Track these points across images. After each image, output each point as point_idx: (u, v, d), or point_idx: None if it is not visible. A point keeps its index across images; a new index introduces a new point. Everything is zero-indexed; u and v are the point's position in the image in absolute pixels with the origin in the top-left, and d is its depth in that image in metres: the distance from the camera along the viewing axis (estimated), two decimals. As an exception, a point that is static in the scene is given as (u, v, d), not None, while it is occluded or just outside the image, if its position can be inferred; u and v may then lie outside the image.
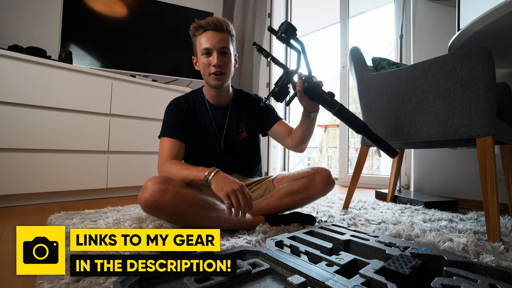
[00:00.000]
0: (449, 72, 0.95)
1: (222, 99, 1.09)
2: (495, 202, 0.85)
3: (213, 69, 0.97)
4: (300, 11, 3.24)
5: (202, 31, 0.97)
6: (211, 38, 0.95)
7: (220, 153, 1.08)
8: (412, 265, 0.53)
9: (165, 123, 1.03)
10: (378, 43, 4.36)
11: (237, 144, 1.10)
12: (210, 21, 0.96)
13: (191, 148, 1.05)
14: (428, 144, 1.13)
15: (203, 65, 0.99)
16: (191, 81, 2.32)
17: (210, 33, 0.96)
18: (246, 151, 1.14)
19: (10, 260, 0.72)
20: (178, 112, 1.04)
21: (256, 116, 1.14)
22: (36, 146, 1.43)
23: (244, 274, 0.51)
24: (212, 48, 0.95)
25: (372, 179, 2.47)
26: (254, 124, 1.14)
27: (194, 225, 0.85)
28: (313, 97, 0.88)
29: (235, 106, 1.12)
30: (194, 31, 0.99)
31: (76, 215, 1.14)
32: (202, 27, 0.97)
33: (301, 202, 1.04)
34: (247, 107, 1.13)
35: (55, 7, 1.93)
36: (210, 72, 0.98)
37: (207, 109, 1.08)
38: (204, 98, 1.10)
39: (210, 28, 0.96)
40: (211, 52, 0.96)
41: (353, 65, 1.33)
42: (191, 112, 1.06)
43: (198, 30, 0.98)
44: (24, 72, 1.40)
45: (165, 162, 0.94)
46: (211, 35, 0.95)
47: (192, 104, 1.08)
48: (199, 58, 1.01)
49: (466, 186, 1.76)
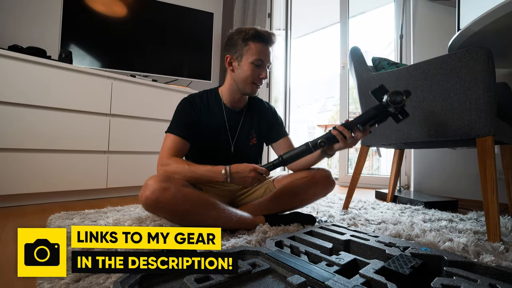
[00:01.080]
0: (449, 72, 0.95)
1: (240, 104, 1.10)
2: (495, 202, 0.85)
3: (259, 81, 0.99)
4: (300, 11, 3.24)
5: (259, 40, 0.96)
6: (268, 52, 0.98)
7: (229, 156, 1.08)
8: (412, 265, 0.53)
9: (174, 119, 1.03)
10: (378, 43, 4.36)
11: (246, 149, 1.12)
12: (271, 35, 0.98)
13: (200, 147, 1.05)
14: (428, 144, 1.13)
15: (250, 72, 0.97)
16: (191, 81, 2.33)
17: (267, 47, 0.98)
18: (253, 155, 1.16)
19: (10, 260, 0.72)
20: (190, 110, 1.03)
21: (266, 125, 1.16)
22: (36, 146, 1.43)
23: (244, 274, 0.51)
24: (266, 62, 0.98)
25: (372, 179, 2.47)
26: (264, 133, 1.16)
27: (194, 224, 0.85)
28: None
29: (249, 112, 1.13)
30: (249, 37, 0.96)
31: (76, 215, 1.14)
32: (261, 38, 0.96)
33: (301, 203, 1.04)
34: (259, 115, 1.15)
35: (55, 7, 1.93)
36: (255, 82, 0.99)
37: (222, 111, 1.08)
38: (220, 99, 1.09)
39: (269, 42, 0.98)
40: (263, 65, 0.98)
41: (353, 65, 1.33)
42: (205, 111, 1.05)
43: (256, 38, 0.96)
44: (24, 72, 1.40)
45: (167, 159, 0.94)
46: (268, 50, 0.98)
47: (206, 103, 1.07)
48: (244, 63, 0.98)
49: (466, 186, 1.76)
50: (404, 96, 0.78)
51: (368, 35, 4.16)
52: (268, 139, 1.18)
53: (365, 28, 3.86)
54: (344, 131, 0.84)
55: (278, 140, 1.15)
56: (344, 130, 0.84)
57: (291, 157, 0.88)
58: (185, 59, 2.26)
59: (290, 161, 0.89)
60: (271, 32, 0.99)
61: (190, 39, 2.27)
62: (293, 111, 3.10)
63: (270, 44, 0.98)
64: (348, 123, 0.85)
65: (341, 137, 0.84)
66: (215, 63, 2.59)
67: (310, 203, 1.14)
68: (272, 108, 1.21)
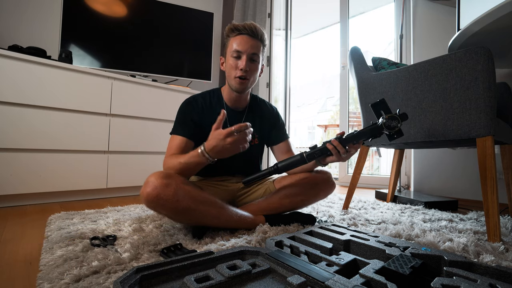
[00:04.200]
0: (449, 72, 0.95)
1: (240, 103, 1.10)
2: (495, 202, 0.85)
3: (239, 73, 0.97)
4: (300, 11, 3.24)
5: (237, 34, 0.97)
6: (244, 42, 0.96)
7: (231, 156, 1.08)
8: (412, 265, 0.53)
9: (177, 121, 1.03)
10: (378, 43, 4.36)
11: (248, 149, 1.11)
12: (247, 25, 0.97)
13: None
14: (428, 144, 1.13)
15: (230, 66, 0.99)
16: (191, 81, 2.33)
17: (244, 37, 0.96)
18: (255, 156, 1.16)
19: (10, 260, 0.72)
20: (191, 110, 1.04)
21: (268, 127, 1.16)
22: (36, 146, 1.43)
23: (244, 274, 0.51)
24: (243, 52, 0.96)
25: (372, 179, 2.47)
26: (265, 133, 1.16)
27: (195, 222, 0.85)
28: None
29: (251, 113, 1.13)
30: (228, 32, 0.99)
31: (76, 215, 1.14)
32: (238, 30, 0.97)
33: (301, 203, 1.04)
34: (261, 116, 1.15)
35: (55, 7, 1.93)
36: (236, 75, 0.98)
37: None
38: (222, 99, 1.09)
39: (245, 33, 0.97)
40: (241, 56, 0.97)
41: (353, 65, 1.33)
42: (207, 111, 1.06)
43: (233, 32, 0.98)
44: (24, 72, 1.40)
45: (168, 157, 0.95)
46: (245, 40, 0.96)
47: (209, 103, 1.07)
48: (227, 59, 1.00)
49: (466, 186, 1.76)
50: (400, 121, 0.83)
51: (368, 35, 4.16)
52: (269, 141, 1.18)
53: (365, 28, 3.86)
54: (339, 147, 0.86)
55: (278, 143, 1.16)
56: (338, 145, 0.86)
57: (286, 167, 0.91)
58: (185, 59, 2.26)
59: (284, 171, 0.92)
60: (249, 23, 0.98)
61: (190, 39, 2.27)
62: (293, 111, 3.10)
63: (248, 33, 0.97)
64: (343, 139, 0.87)
65: (336, 152, 0.87)
66: (215, 63, 2.59)
67: (310, 204, 1.14)
68: (275, 110, 1.21)
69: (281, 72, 2.93)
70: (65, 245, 0.76)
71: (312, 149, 0.90)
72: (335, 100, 6.33)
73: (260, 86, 2.74)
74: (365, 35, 4.08)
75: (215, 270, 0.51)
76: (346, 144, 0.87)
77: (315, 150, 0.89)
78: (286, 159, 0.92)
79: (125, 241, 0.80)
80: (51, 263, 0.65)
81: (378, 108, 0.85)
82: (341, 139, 0.87)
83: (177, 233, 0.87)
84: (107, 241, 0.80)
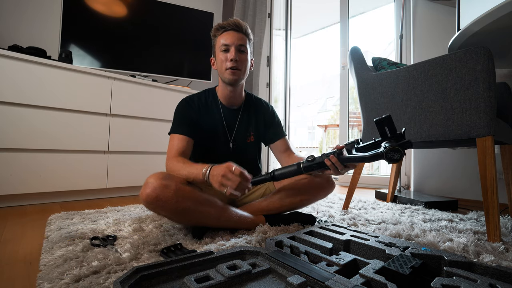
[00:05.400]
0: (449, 72, 0.95)
1: (235, 100, 1.10)
2: (495, 202, 0.85)
3: (229, 64, 0.98)
4: (300, 11, 3.25)
5: (223, 31, 1.01)
6: (230, 36, 0.99)
7: (228, 154, 1.08)
8: (412, 265, 0.53)
9: (175, 120, 1.04)
10: (378, 43, 4.37)
11: (244, 146, 1.12)
12: (230, 22, 1.00)
13: (200, 146, 1.06)
14: (428, 144, 1.13)
15: (220, 61, 1.01)
16: (191, 81, 2.33)
17: (230, 32, 1.00)
18: (252, 154, 1.16)
19: (10, 260, 0.72)
20: (189, 109, 1.05)
21: (264, 124, 1.16)
22: (36, 146, 1.43)
23: (244, 274, 0.51)
24: (230, 44, 0.99)
25: (372, 179, 2.47)
26: (261, 131, 1.16)
27: (195, 223, 0.85)
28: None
29: (246, 110, 1.13)
30: (215, 32, 1.03)
31: (76, 215, 1.14)
32: (223, 28, 1.01)
33: (301, 203, 1.04)
34: (257, 113, 1.15)
35: (55, 7, 1.94)
36: (226, 67, 0.99)
37: (219, 109, 1.09)
38: (217, 98, 1.10)
39: (230, 28, 1.00)
40: (229, 48, 0.99)
41: (353, 65, 1.33)
42: (204, 109, 1.07)
43: (219, 31, 1.02)
44: (24, 72, 1.40)
45: (171, 158, 0.95)
46: (231, 34, 0.99)
47: (205, 102, 1.09)
48: (217, 56, 1.03)
49: (466, 186, 1.76)
50: (402, 154, 0.75)
51: (368, 35, 4.16)
52: (266, 139, 1.18)
53: (365, 28, 3.86)
54: (337, 164, 0.84)
55: (275, 141, 1.16)
56: (337, 162, 0.84)
57: (282, 175, 0.91)
58: (185, 59, 2.26)
59: (280, 179, 0.91)
60: (232, 19, 1.01)
61: (190, 39, 2.27)
62: (293, 111, 3.10)
63: (232, 28, 1.00)
64: (343, 158, 0.84)
65: (334, 168, 0.85)
66: (215, 63, 2.58)
67: (310, 204, 1.14)
68: (270, 107, 1.21)
69: (281, 72, 2.93)
70: (65, 245, 0.76)
71: (310, 161, 0.88)
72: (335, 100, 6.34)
73: (260, 86, 2.73)
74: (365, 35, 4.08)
75: (215, 270, 0.51)
76: (344, 164, 0.85)
77: (313, 163, 0.87)
78: (283, 168, 0.92)
79: (125, 241, 0.80)
80: (51, 263, 0.65)
81: (383, 125, 0.79)
82: (340, 157, 0.84)
83: (177, 233, 0.87)
84: (107, 241, 0.80)
